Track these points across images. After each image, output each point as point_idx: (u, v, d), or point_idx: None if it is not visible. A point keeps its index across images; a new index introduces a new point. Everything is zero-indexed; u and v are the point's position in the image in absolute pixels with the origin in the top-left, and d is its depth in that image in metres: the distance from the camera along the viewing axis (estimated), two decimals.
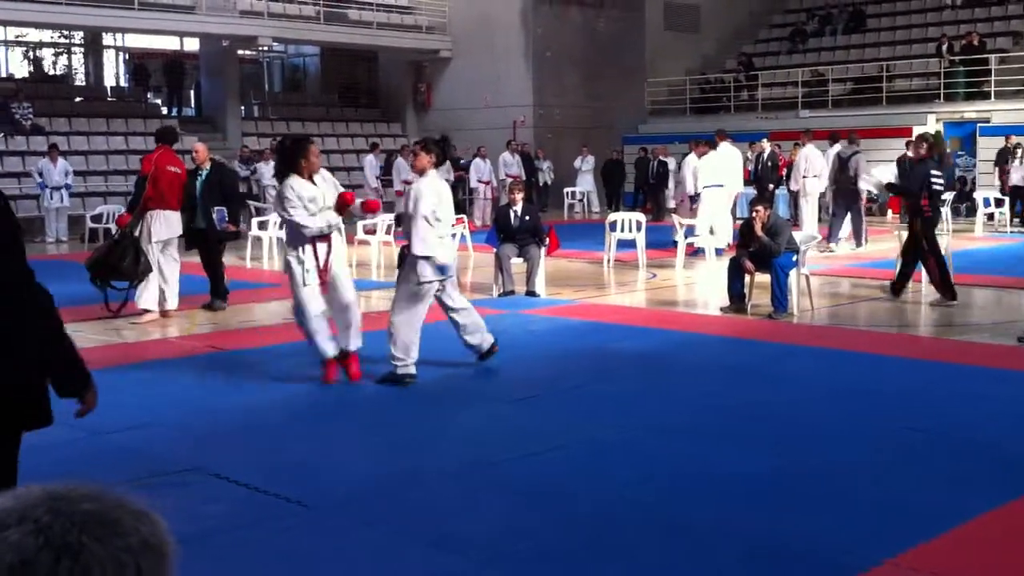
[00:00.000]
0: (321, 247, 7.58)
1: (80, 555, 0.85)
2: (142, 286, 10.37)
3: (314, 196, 7.50)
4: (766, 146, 19.36)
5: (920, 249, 11.08)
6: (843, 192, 16.90)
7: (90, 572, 0.85)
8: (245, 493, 5.09)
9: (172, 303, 10.67)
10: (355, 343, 7.76)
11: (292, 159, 7.56)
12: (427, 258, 7.48)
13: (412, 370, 7.50)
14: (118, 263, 10.00)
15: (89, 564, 0.85)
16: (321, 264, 7.56)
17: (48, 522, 0.86)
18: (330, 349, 7.69)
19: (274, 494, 5.06)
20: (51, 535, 0.85)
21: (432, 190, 7.54)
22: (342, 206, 7.61)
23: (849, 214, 16.94)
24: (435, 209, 7.48)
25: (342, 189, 7.83)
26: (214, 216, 10.97)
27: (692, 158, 17.04)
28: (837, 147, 18.12)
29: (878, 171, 15.91)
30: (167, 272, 10.57)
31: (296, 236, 7.59)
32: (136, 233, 10.26)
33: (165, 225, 10.46)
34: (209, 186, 10.96)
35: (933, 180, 11.08)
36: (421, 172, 7.71)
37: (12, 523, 0.86)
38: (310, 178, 7.58)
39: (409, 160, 22.68)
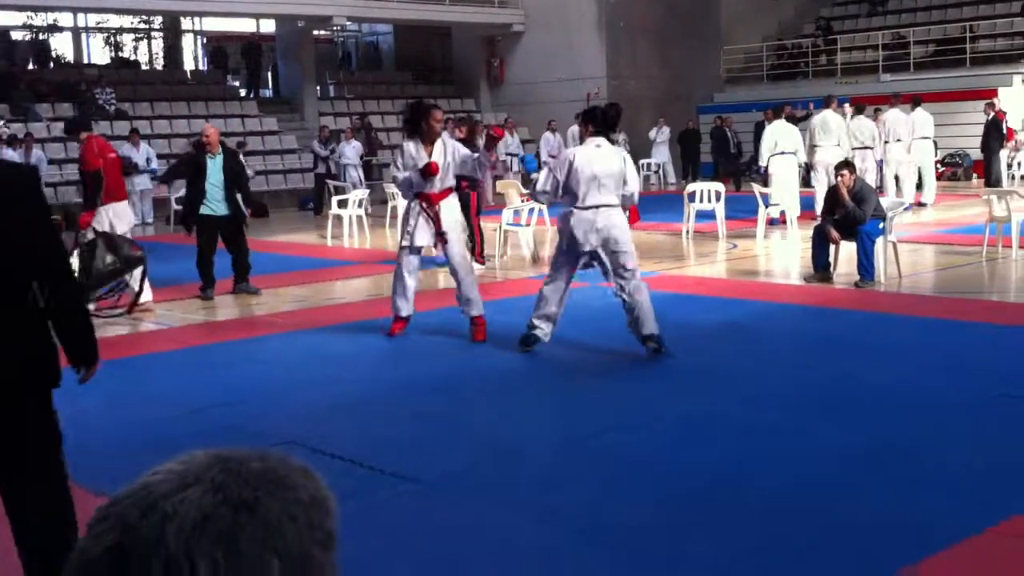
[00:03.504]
0: (424, 209, 8.06)
1: (256, 509, 0.89)
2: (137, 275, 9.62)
3: (417, 160, 7.97)
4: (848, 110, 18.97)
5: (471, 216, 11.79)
6: None
7: (267, 525, 0.89)
8: (344, 466, 5.17)
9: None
10: (474, 310, 8.15)
11: (414, 123, 8.09)
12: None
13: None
14: (94, 266, 9.16)
15: (266, 517, 0.89)
16: (426, 227, 8.07)
17: (223, 480, 0.90)
18: (400, 309, 8.31)
19: (369, 467, 5.15)
20: (228, 492, 0.89)
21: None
22: (425, 173, 7.95)
23: None
24: None
25: (465, 154, 8.15)
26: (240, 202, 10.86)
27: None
28: (918, 112, 17.85)
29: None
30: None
31: (407, 197, 8.34)
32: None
33: (121, 218, 9.98)
34: (229, 172, 10.74)
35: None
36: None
37: (190, 482, 0.90)
38: (431, 143, 8.04)
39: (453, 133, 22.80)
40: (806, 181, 18.18)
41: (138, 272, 9.40)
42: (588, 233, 7.35)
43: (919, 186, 17.93)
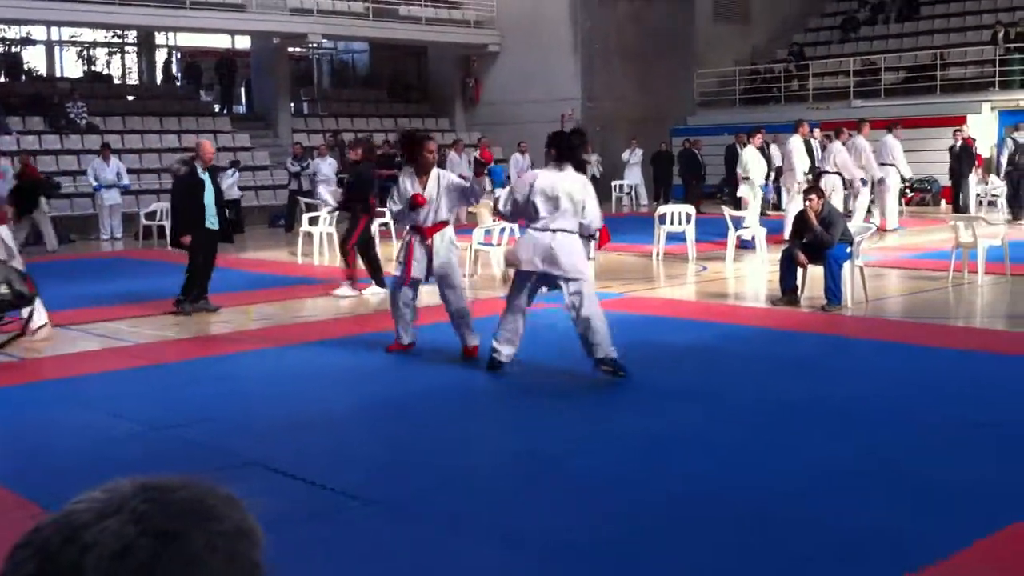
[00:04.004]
0: (418, 242, 8.12)
1: (178, 540, 0.88)
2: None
3: (407, 190, 8.09)
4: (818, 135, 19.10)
5: (345, 242, 11.89)
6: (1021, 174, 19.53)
7: (188, 556, 0.88)
8: (303, 487, 5.14)
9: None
10: (470, 340, 8.17)
11: (409, 155, 8.34)
12: None
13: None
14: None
15: (188, 549, 0.88)
16: (415, 256, 8.10)
17: (145, 511, 0.89)
18: (403, 338, 8.39)
19: (331, 488, 5.12)
20: (149, 522, 0.88)
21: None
22: (411, 205, 8.05)
23: None
24: None
25: (456, 183, 8.25)
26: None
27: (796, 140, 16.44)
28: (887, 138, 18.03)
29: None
30: None
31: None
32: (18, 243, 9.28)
33: (11, 234, 9.65)
34: (216, 187, 10.89)
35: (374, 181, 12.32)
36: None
37: (111, 512, 0.89)
38: (425, 174, 8.14)
39: (462, 155, 22.85)
40: (776, 206, 18.36)
41: (27, 310, 8.97)
42: (535, 254, 7.36)
43: (882, 211, 18.05)
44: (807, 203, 10.45)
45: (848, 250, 10.40)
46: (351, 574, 4.25)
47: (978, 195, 21.50)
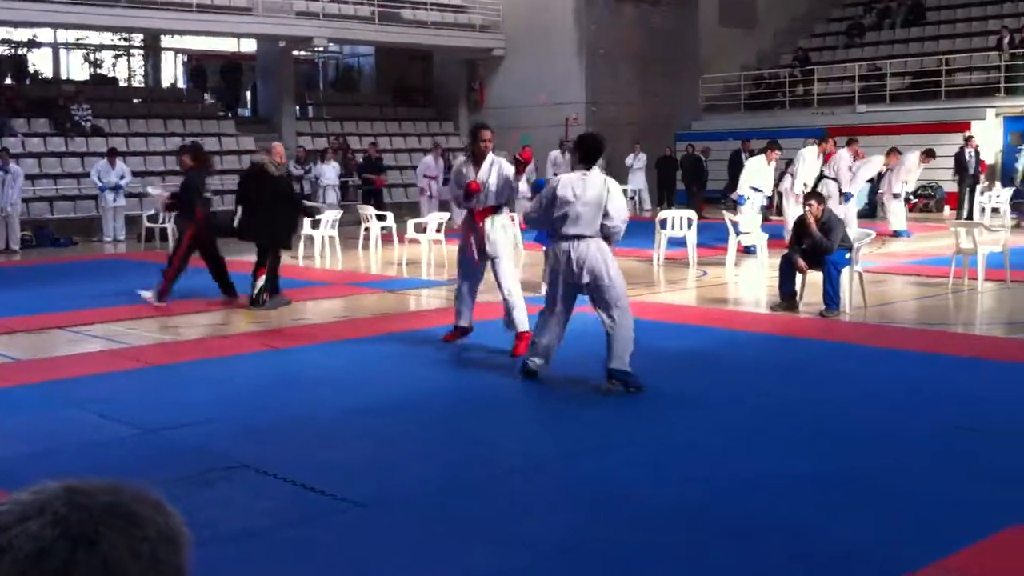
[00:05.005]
0: (471, 226, 8.53)
1: (97, 545, 0.88)
2: None
3: (464, 178, 8.46)
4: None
5: (179, 252, 11.20)
6: None
7: (107, 562, 0.88)
8: (293, 490, 5.13)
9: None
10: (519, 326, 8.39)
11: (470, 143, 8.77)
12: None
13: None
14: None
15: (106, 554, 0.88)
16: (469, 240, 8.51)
17: (65, 514, 0.89)
18: (459, 320, 8.75)
19: (320, 491, 5.10)
20: (68, 526, 0.88)
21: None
22: (465, 192, 8.41)
23: None
24: None
25: (506, 176, 8.44)
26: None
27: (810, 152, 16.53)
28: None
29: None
30: None
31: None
32: None
33: None
34: None
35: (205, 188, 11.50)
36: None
37: (32, 515, 0.88)
38: (479, 162, 8.48)
39: (437, 159, 22.72)
40: (779, 210, 18.33)
41: None
42: (564, 265, 7.25)
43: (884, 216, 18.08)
44: (807, 208, 10.44)
45: (847, 256, 10.37)
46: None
47: (981, 202, 21.43)
